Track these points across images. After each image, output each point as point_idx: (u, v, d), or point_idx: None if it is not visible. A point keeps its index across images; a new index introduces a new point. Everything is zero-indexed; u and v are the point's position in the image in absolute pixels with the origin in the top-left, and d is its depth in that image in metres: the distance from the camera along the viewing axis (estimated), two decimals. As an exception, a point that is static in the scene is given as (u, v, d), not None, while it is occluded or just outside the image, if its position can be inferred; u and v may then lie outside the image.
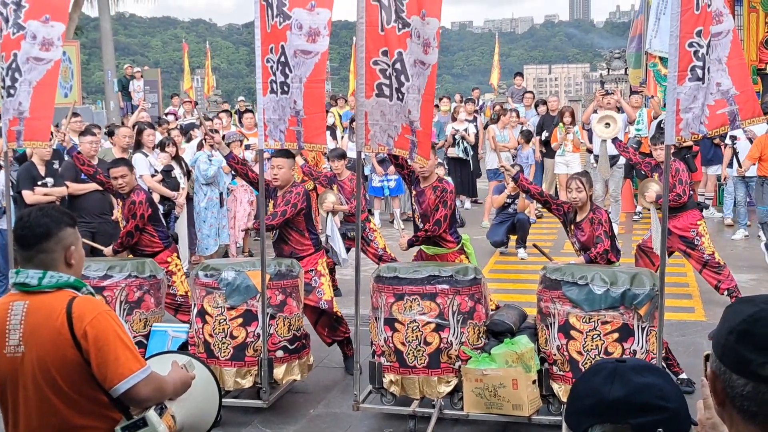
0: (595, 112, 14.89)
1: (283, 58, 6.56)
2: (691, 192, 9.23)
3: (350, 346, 7.93)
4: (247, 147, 13.76)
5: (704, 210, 12.92)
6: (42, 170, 9.93)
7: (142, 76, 26.07)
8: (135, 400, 3.44)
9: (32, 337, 3.38)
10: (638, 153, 11.12)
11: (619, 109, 14.36)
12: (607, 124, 9.65)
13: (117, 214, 8.64)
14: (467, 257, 7.76)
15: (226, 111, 18.52)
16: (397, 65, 6.22)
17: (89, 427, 3.47)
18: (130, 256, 8.36)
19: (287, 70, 6.56)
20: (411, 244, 7.69)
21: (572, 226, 7.45)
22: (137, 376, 3.38)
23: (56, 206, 4.03)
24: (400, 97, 6.27)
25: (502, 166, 8.17)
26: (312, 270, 7.78)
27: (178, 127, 15.74)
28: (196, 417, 5.69)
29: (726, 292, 8.96)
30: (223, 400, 6.79)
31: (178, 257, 8.65)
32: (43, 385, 3.39)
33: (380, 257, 10.11)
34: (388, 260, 9.81)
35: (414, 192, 7.68)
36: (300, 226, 7.85)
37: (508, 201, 12.40)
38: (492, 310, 7.43)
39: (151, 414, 3.57)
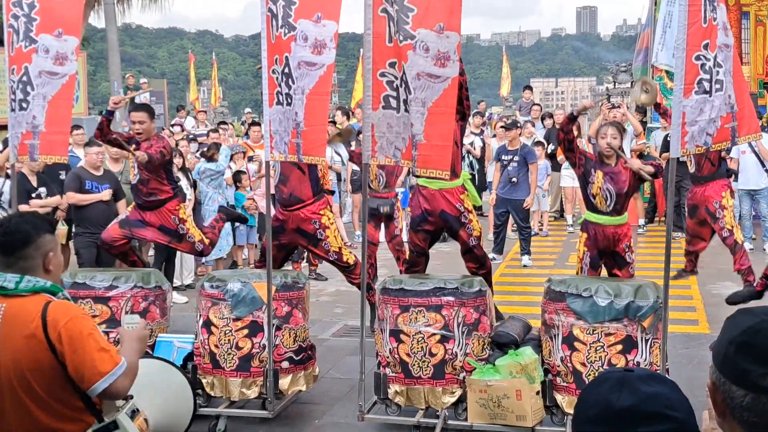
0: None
1: (286, 70, 6.53)
2: (722, 159, 9.22)
3: (372, 292, 7.99)
4: (251, 159, 13.77)
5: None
6: (33, 181, 9.88)
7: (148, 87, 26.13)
8: (114, 395, 3.55)
9: (7, 341, 3.43)
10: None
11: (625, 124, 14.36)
12: (646, 90, 9.01)
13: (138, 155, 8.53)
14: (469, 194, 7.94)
15: (223, 123, 18.77)
16: (405, 77, 6.22)
17: (63, 430, 3.53)
18: (138, 264, 8.47)
19: (290, 82, 6.54)
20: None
21: (599, 173, 7.42)
22: (114, 373, 3.47)
23: (36, 213, 4.11)
24: (408, 109, 6.27)
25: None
26: (315, 222, 8.11)
27: (186, 137, 15.78)
28: (170, 421, 5.71)
29: (737, 272, 8.92)
30: (228, 410, 6.83)
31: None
32: (18, 389, 3.44)
33: (394, 237, 10.52)
34: (400, 240, 10.46)
35: None
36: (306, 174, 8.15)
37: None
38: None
39: (122, 417, 3.64)
